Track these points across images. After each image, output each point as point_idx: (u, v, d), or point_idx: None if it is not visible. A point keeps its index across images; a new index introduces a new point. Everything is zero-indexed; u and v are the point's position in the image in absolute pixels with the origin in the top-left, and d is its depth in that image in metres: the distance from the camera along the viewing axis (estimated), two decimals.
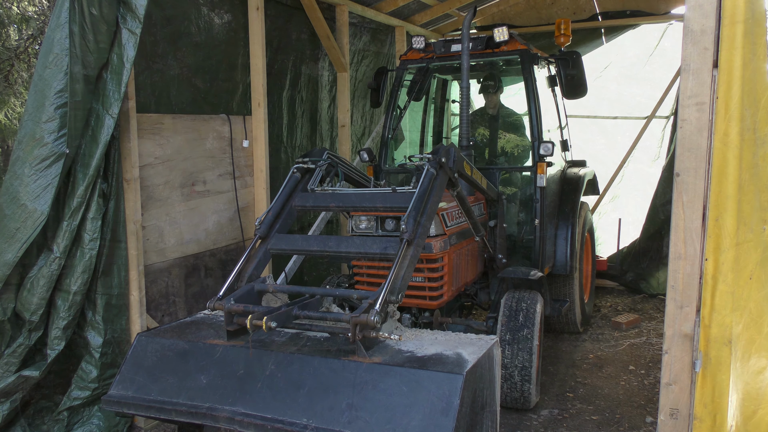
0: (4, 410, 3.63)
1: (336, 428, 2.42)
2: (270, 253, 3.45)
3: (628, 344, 5.85)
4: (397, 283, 2.90)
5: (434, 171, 3.40)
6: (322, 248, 3.45)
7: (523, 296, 4.50)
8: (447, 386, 2.38)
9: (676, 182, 2.57)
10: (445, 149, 3.50)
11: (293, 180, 3.79)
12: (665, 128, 7.91)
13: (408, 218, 3.05)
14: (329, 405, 2.49)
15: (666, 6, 7.52)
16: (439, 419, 2.31)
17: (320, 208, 3.88)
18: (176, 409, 2.72)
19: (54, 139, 3.54)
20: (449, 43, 5.32)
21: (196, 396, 2.73)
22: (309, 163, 3.88)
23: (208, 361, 2.83)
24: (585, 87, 5.26)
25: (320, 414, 2.48)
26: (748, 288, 2.57)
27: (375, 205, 3.53)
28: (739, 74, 2.41)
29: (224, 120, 5.01)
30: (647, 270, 7.38)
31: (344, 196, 3.66)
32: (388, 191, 3.52)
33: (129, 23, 3.77)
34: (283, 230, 3.58)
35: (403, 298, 2.91)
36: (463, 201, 3.97)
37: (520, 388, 4.30)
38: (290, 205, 3.65)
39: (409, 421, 2.34)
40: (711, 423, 2.52)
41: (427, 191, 3.29)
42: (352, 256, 3.67)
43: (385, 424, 2.37)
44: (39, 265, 3.70)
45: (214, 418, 2.63)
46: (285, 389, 2.61)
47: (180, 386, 2.79)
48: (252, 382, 2.67)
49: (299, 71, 6.06)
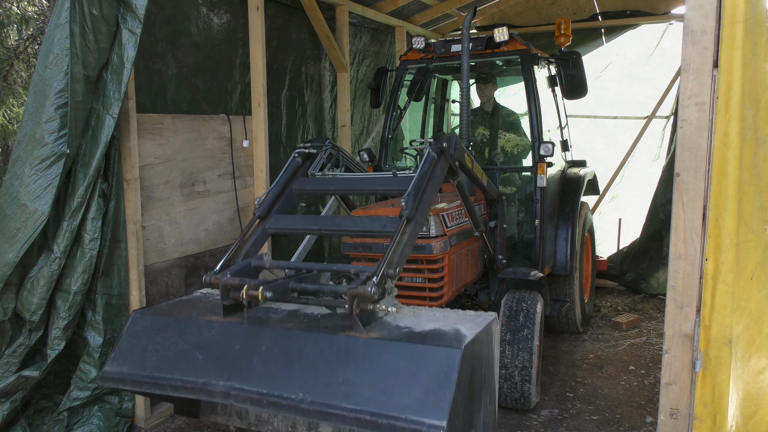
0: (4, 410, 3.63)
1: (332, 402, 2.38)
2: (268, 232, 3.44)
3: (628, 344, 5.85)
4: (395, 258, 2.88)
5: (435, 155, 3.40)
6: (321, 227, 3.44)
7: (523, 296, 4.50)
8: (445, 361, 2.34)
9: (676, 182, 2.57)
10: (447, 136, 3.50)
11: (294, 164, 3.76)
12: (665, 128, 7.91)
13: (408, 196, 3.06)
14: (326, 380, 2.46)
15: (666, 6, 7.52)
16: (436, 393, 2.27)
17: (320, 192, 3.86)
18: (171, 385, 2.70)
19: (54, 139, 3.54)
20: (449, 44, 5.32)
21: (191, 372, 2.70)
22: (310, 148, 3.86)
23: (203, 337, 2.80)
24: (585, 87, 5.27)
25: (316, 388, 2.45)
26: (749, 288, 2.57)
27: (374, 188, 3.51)
28: (739, 74, 2.41)
29: (224, 120, 5.01)
30: (647, 270, 7.38)
31: (344, 180, 3.64)
32: (388, 175, 3.51)
33: (129, 23, 3.78)
34: (282, 212, 3.57)
35: (400, 272, 2.89)
36: (463, 192, 3.94)
37: (520, 389, 4.30)
38: (290, 189, 3.63)
39: (407, 395, 2.31)
40: (711, 423, 2.52)
41: (427, 174, 3.29)
42: (351, 233, 3.65)
43: (382, 399, 2.33)
44: (39, 265, 3.70)
45: (210, 392, 2.60)
46: (281, 364, 2.58)
47: (175, 362, 2.77)
48: (248, 357, 2.64)
49: (299, 71, 6.06)
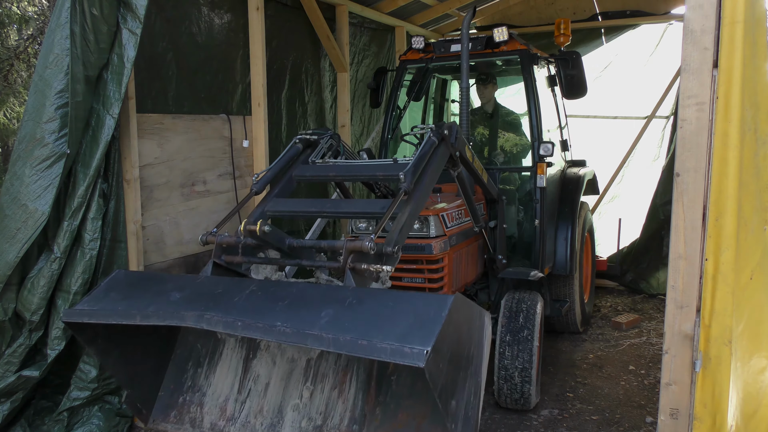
0: (4, 410, 3.63)
1: (311, 331, 2.21)
2: (267, 215, 3.40)
3: (628, 344, 5.85)
4: (394, 235, 2.84)
5: (436, 140, 3.38)
6: (320, 209, 3.40)
7: (523, 297, 4.50)
8: (435, 303, 2.24)
9: (676, 182, 2.56)
10: (448, 124, 3.48)
11: (294, 149, 3.70)
12: (665, 128, 7.91)
13: (407, 172, 3.03)
14: (309, 314, 2.31)
15: (666, 6, 7.52)
16: (423, 326, 2.14)
17: (320, 178, 3.81)
18: (141, 313, 2.52)
19: (55, 139, 3.54)
20: (449, 43, 5.32)
21: (166, 307, 2.54)
22: (312, 135, 3.83)
23: (186, 284, 2.70)
24: (585, 87, 5.26)
25: (297, 319, 2.30)
26: (749, 288, 2.57)
27: (375, 174, 3.48)
28: (739, 74, 2.41)
29: (224, 120, 5.01)
30: (647, 270, 7.38)
31: (345, 167, 3.60)
32: (389, 162, 3.48)
33: (129, 23, 3.78)
34: (282, 197, 3.54)
35: (399, 252, 2.84)
36: (463, 183, 3.91)
37: (520, 389, 4.30)
38: (290, 175, 3.60)
39: (392, 329, 2.17)
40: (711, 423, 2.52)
41: (427, 155, 3.26)
42: (351, 215, 3.60)
43: (365, 329, 2.19)
44: (39, 265, 3.70)
45: (181, 317, 2.45)
46: (264, 303, 2.44)
47: (150, 299, 2.60)
48: (229, 297, 2.52)
49: (299, 71, 6.06)
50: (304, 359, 2.95)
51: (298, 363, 2.96)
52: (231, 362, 3.09)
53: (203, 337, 3.15)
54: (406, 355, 2.05)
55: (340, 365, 2.86)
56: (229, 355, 3.11)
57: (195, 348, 3.17)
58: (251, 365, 3.04)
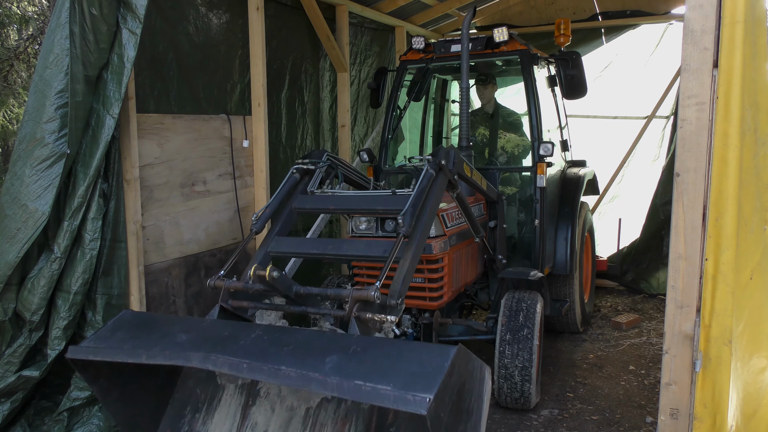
0: (4, 410, 3.63)
1: (315, 374, 2.25)
2: (270, 255, 3.43)
3: (628, 344, 5.85)
4: (397, 286, 2.83)
5: (433, 172, 3.40)
6: (323, 251, 3.41)
7: (523, 296, 4.51)
8: (439, 353, 2.27)
9: (676, 182, 2.57)
10: (445, 151, 3.50)
11: (292, 180, 3.77)
12: (665, 128, 7.91)
13: (405, 213, 3.03)
14: (314, 360, 2.34)
15: (666, 6, 7.52)
16: (426, 375, 2.18)
17: (319, 210, 3.87)
18: (147, 353, 2.55)
19: (55, 139, 3.54)
20: (449, 44, 5.33)
21: (171, 345, 2.58)
22: (308, 164, 3.87)
23: (192, 326, 2.72)
24: (585, 87, 5.27)
25: (302, 364, 2.33)
26: (749, 288, 2.58)
27: (374, 208, 3.51)
28: (739, 74, 2.41)
29: (224, 120, 5.02)
30: (647, 270, 7.38)
31: (343, 198, 3.65)
32: (387, 194, 3.51)
33: (129, 23, 3.77)
34: (284, 233, 3.56)
35: (403, 304, 2.85)
36: (462, 202, 3.97)
37: (520, 389, 4.30)
38: (290, 207, 3.64)
39: (395, 377, 2.19)
40: (711, 423, 2.52)
41: (425, 191, 3.28)
42: (353, 258, 3.65)
43: (369, 376, 2.22)
44: (39, 265, 3.70)
45: (187, 357, 2.48)
46: (269, 347, 2.48)
47: (157, 341, 2.63)
48: (235, 340, 2.55)
49: (299, 71, 6.06)
50: (304, 408, 2.93)
51: (297, 411, 2.94)
52: (229, 408, 3.07)
53: (203, 382, 3.15)
54: (408, 402, 2.08)
55: (339, 415, 2.85)
56: (228, 401, 3.08)
57: (194, 393, 3.15)
58: (250, 412, 3.02)
